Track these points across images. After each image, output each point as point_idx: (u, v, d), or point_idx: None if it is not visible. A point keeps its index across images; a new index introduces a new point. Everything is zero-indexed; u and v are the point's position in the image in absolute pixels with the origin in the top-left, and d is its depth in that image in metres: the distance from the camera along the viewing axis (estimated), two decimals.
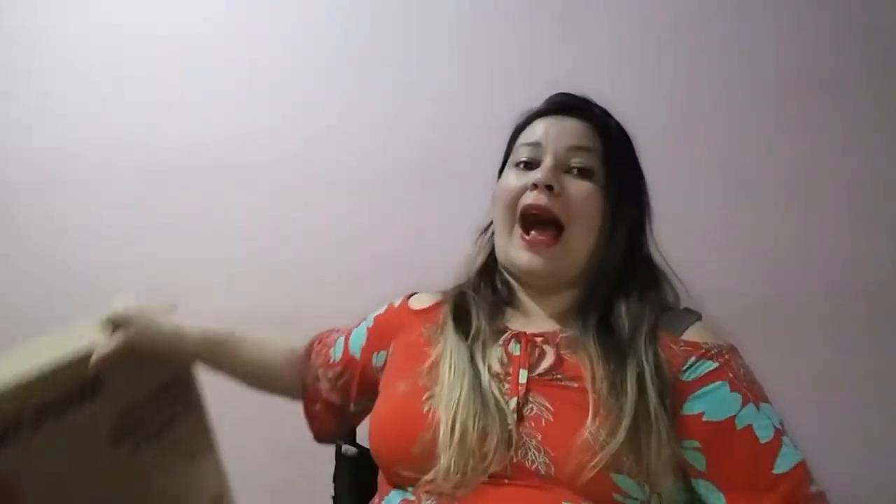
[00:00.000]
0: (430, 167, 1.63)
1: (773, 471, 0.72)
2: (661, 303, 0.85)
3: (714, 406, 0.74)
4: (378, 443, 0.81)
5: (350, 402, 0.99)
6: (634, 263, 0.87)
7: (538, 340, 0.83)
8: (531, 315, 0.88)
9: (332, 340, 1.03)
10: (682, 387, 0.76)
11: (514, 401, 0.76)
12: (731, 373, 0.77)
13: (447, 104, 1.64)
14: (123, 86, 1.76)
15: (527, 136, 0.89)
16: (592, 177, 0.84)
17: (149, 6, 1.78)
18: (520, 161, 0.87)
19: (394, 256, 1.60)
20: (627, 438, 0.70)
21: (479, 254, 0.94)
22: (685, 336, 0.80)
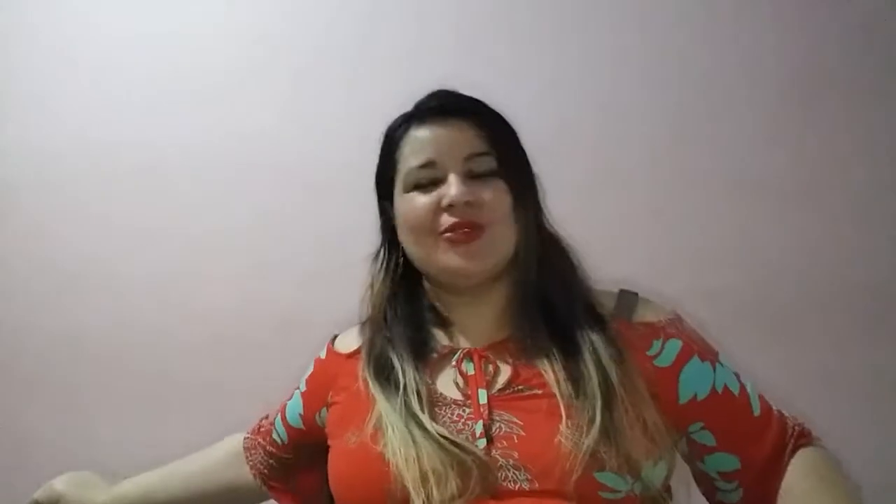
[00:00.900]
0: None
1: (754, 414, 0.80)
2: (579, 274, 0.86)
3: (698, 383, 0.79)
4: (346, 502, 0.79)
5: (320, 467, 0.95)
6: (543, 242, 0.87)
7: (490, 355, 0.81)
8: (470, 326, 0.85)
9: (271, 424, 0.99)
10: (662, 375, 0.78)
11: (480, 425, 0.74)
12: (693, 342, 0.81)
13: None
14: (122, 85, 1.76)
15: (416, 157, 0.85)
16: (495, 175, 0.83)
17: (148, 5, 1.77)
18: (419, 184, 0.84)
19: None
20: (601, 427, 0.70)
21: (377, 282, 0.91)
22: (636, 318, 0.82)
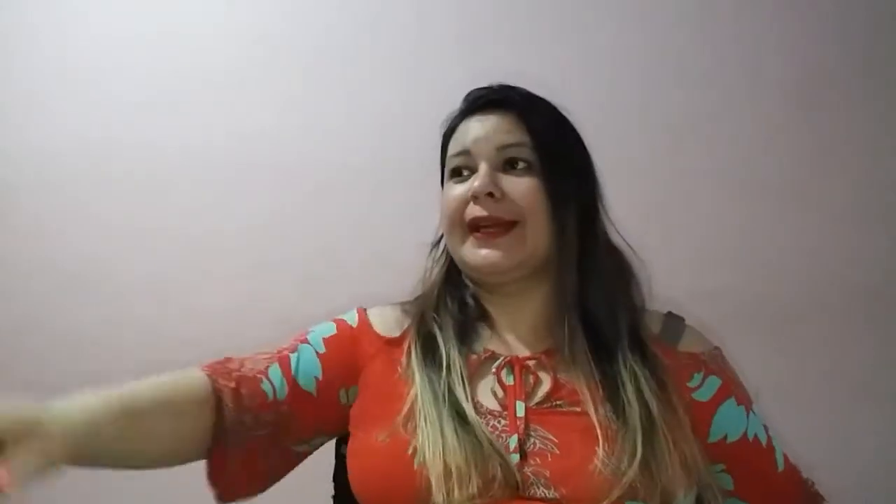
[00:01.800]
0: (429, 167, 1.63)
1: (778, 469, 0.80)
2: (630, 294, 0.82)
3: (731, 425, 0.78)
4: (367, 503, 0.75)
5: (292, 443, 0.81)
6: (594, 252, 0.81)
7: (531, 365, 0.78)
8: (507, 330, 0.82)
9: (259, 373, 0.80)
10: (698, 409, 0.77)
11: (515, 439, 0.71)
12: (732, 384, 0.80)
13: (447, 104, 1.63)
14: (122, 85, 1.76)
15: (455, 146, 0.85)
16: (530, 169, 0.80)
17: (149, 5, 1.77)
18: (455, 171, 0.84)
19: (393, 256, 1.60)
20: (642, 460, 0.68)
21: (435, 268, 0.88)
22: (681, 347, 0.80)
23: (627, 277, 0.83)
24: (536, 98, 0.85)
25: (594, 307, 0.79)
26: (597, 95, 1.58)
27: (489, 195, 0.79)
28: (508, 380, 0.76)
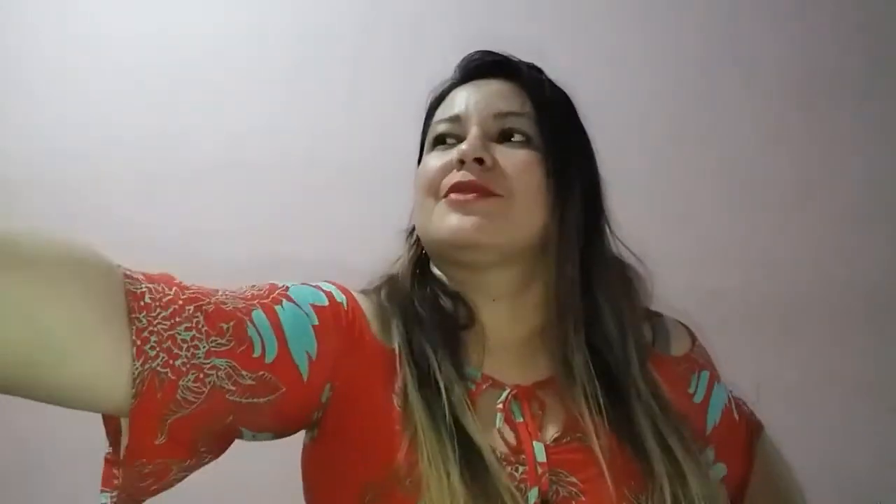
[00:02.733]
0: None
1: (736, 419, 0.76)
2: (637, 306, 0.72)
3: (718, 409, 0.75)
4: None
5: (243, 428, 0.59)
6: (598, 252, 0.70)
7: (540, 394, 0.64)
8: (499, 345, 0.67)
9: (240, 311, 0.60)
10: (696, 410, 0.72)
11: (536, 492, 0.57)
12: (711, 366, 0.77)
13: None
14: (122, 85, 1.76)
15: (444, 111, 0.72)
16: (529, 143, 0.67)
17: (149, 5, 1.77)
18: (439, 139, 0.70)
19: (394, 256, 1.60)
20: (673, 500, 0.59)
21: (409, 253, 0.76)
22: (675, 351, 0.74)
23: (633, 289, 0.72)
24: (541, 71, 0.75)
25: (600, 323, 0.67)
26: (596, 95, 1.58)
27: (478, 161, 0.64)
28: (518, 416, 0.62)
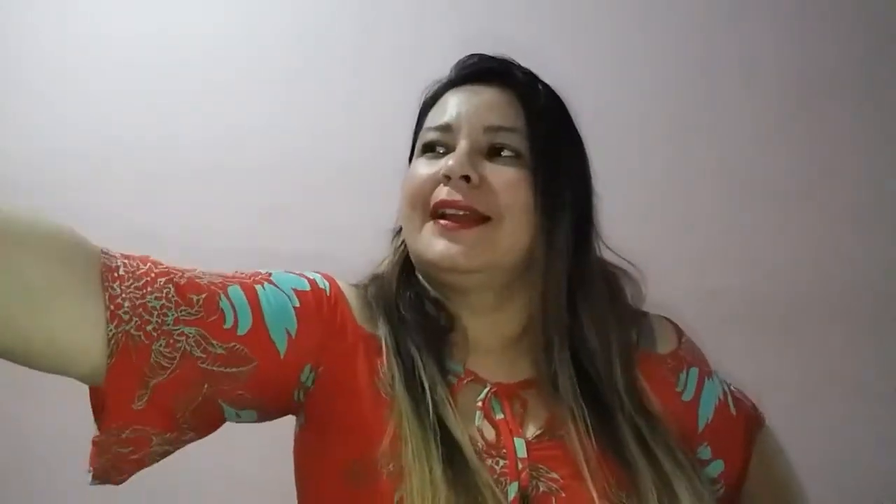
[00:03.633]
0: None
1: (733, 414, 0.77)
2: (624, 314, 0.73)
3: (709, 406, 0.75)
4: None
5: (222, 402, 0.61)
6: (585, 268, 0.70)
7: (521, 393, 0.66)
8: (481, 348, 0.69)
9: (215, 285, 0.61)
10: (686, 408, 0.72)
11: (515, 487, 0.59)
12: (701, 362, 0.77)
13: None
14: (122, 85, 1.76)
15: (435, 117, 0.72)
16: (519, 160, 0.67)
17: (149, 5, 1.77)
18: (428, 147, 0.71)
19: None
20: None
21: (395, 256, 0.76)
22: (661, 349, 0.74)
23: (619, 298, 0.73)
24: (537, 78, 0.75)
25: (585, 339, 0.68)
26: (596, 96, 1.58)
27: (465, 179, 0.65)
28: (498, 412, 0.64)
